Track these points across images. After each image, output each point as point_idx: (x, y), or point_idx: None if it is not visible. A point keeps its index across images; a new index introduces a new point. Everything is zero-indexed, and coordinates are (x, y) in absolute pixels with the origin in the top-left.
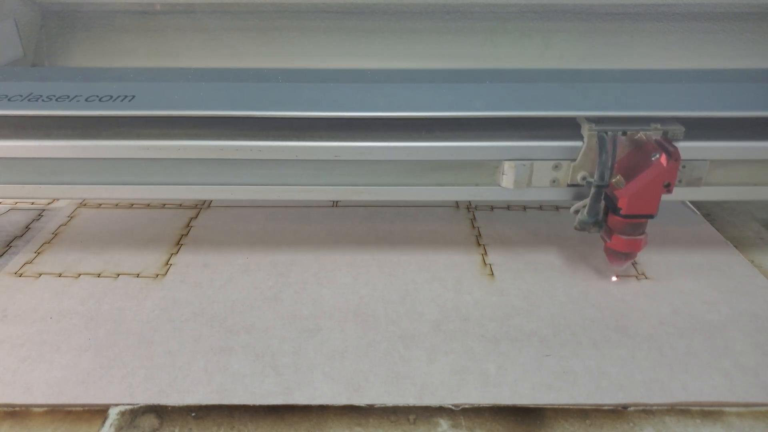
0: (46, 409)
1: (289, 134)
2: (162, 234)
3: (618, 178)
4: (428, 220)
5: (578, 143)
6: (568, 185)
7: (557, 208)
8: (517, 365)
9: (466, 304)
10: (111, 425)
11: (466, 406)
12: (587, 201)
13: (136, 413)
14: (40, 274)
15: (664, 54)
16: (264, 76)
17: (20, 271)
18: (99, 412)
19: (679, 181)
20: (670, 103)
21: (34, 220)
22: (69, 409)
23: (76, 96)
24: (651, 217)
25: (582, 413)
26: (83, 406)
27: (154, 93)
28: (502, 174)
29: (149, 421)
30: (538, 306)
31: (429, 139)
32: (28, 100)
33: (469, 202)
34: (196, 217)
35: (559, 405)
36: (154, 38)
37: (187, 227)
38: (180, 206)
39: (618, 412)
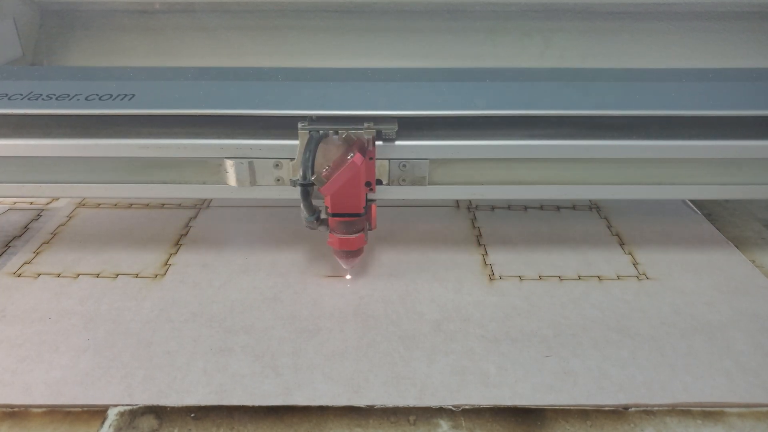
0: (45, 409)
1: (288, 133)
2: (161, 234)
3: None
4: (428, 219)
5: (297, 142)
6: (293, 183)
7: (558, 208)
8: (517, 366)
9: (467, 305)
10: (110, 426)
11: (467, 407)
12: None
13: (135, 414)
14: (39, 275)
15: (665, 53)
16: (264, 74)
17: (19, 271)
18: (98, 412)
19: (404, 180)
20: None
21: (32, 220)
22: (68, 409)
23: (76, 95)
24: (358, 216)
25: (583, 414)
26: (82, 406)
27: (153, 92)
28: (226, 172)
29: (148, 422)
30: (538, 306)
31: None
32: (28, 99)
33: (470, 201)
34: (195, 217)
35: (560, 405)
36: (153, 37)
37: (186, 227)
38: (179, 206)
39: (619, 412)
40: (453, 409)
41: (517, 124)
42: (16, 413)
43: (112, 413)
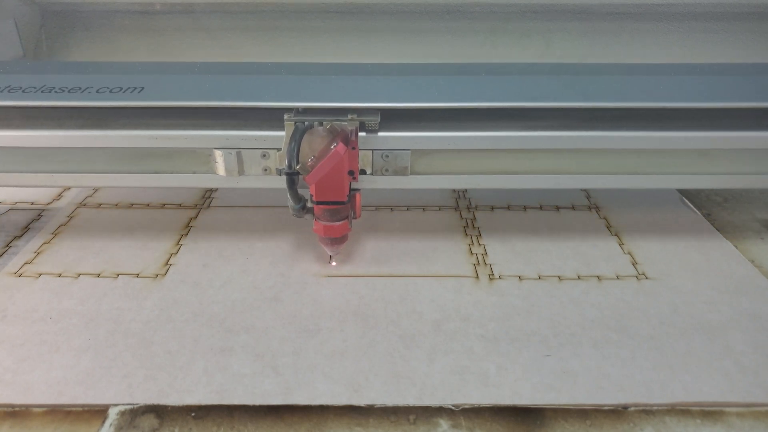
0: (45, 409)
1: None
2: (162, 234)
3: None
4: (428, 219)
5: (283, 133)
6: (279, 173)
7: (557, 207)
8: (517, 365)
9: (466, 304)
10: (111, 425)
11: (466, 407)
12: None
13: (135, 413)
14: (40, 274)
15: (665, 53)
16: (268, 69)
17: (20, 271)
18: (99, 412)
19: (387, 170)
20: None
21: (33, 220)
22: (69, 409)
23: (87, 87)
24: (342, 204)
25: (582, 413)
26: (83, 406)
27: (162, 85)
28: (215, 162)
29: (149, 421)
30: (538, 306)
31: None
32: (41, 91)
33: (469, 201)
34: (196, 217)
35: (559, 405)
36: (153, 38)
37: (187, 227)
38: (180, 206)
39: (618, 412)
40: (453, 408)
41: (498, 116)
42: (16, 413)
43: (113, 412)
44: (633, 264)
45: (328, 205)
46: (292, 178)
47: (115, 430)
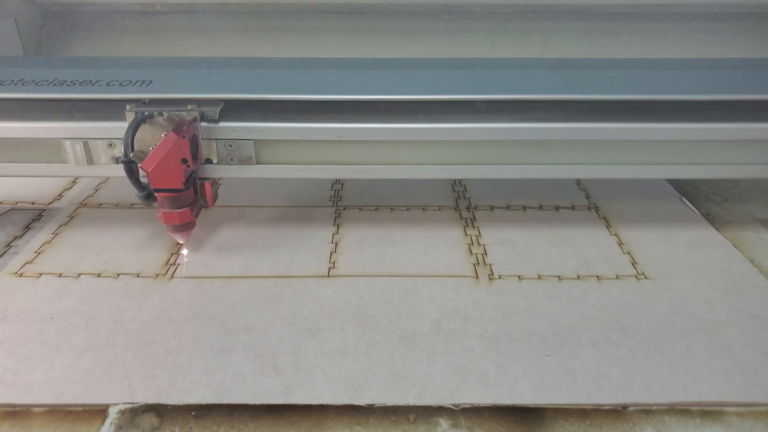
0: (46, 409)
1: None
2: (162, 234)
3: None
4: (428, 219)
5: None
6: (116, 161)
7: (557, 207)
8: (516, 365)
9: (466, 304)
10: (111, 424)
11: (466, 406)
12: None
13: (136, 412)
14: (41, 274)
15: (664, 54)
16: (272, 63)
17: (20, 271)
18: (99, 411)
19: (231, 160)
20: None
21: (34, 220)
22: (69, 408)
23: (98, 81)
24: (179, 191)
25: (582, 413)
26: (83, 405)
27: (170, 78)
28: (65, 152)
29: (149, 420)
30: (537, 306)
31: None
32: (54, 84)
33: (469, 201)
34: (196, 216)
35: (559, 405)
36: (154, 38)
37: None
38: None
39: (618, 412)
40: (453, 408)
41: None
42: (17, 413)
43: (113, 411)
44: (632, 264)
45: (166, 193)
46: (130, 166)
47: (115, 429)
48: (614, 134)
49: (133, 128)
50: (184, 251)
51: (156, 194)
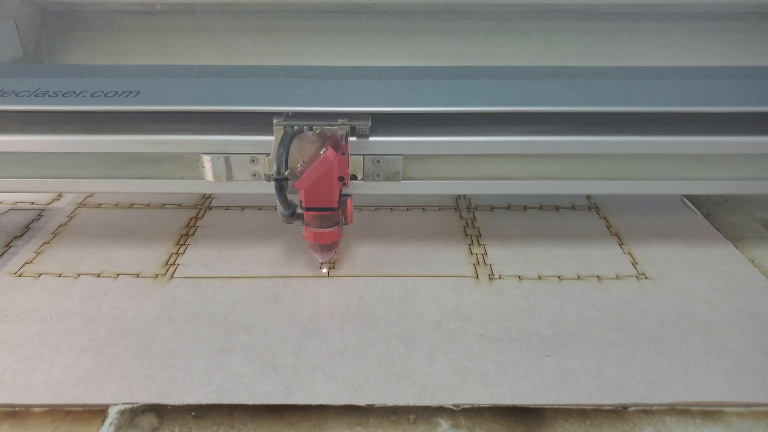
0: (45, 409)
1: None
2: (162, 234)
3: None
4: (428, 219)
5: (272, 138)
6: (267, 178)
7: (557, 207)
8: (517, 365)
9: (466, 304)
10: (111, 424)
11: (466, 406)
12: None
13: (135, 412)
14: (40, 274)
15: (664, 53)
16: (266, 72)
17: (20, 271)
18: (99, 411)
19: (378, 176)
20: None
21: (33, 220)
22: (69, 409)
23: (82, 92)
24: (332, 210)
25: (582, 413)
26: (83, 406)
27: (158, 89)
28: (203, 167)
29: (149, 420)
30: (538, 306)
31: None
32: (35, 95)
33: (469, 201)
34: (197, 216)
35: (559, 405)
36: (153, 38)
37: (187, 227)
38: (180, 206)
39: (618, 412)
40: (453, 408)
41: (493, 121)
42: (17, 413)
43: (113, 411)
44: (633, 264)
45: (318, 212)
46: (281, 184)
47: (115, 429)
48: (630, 148)
49: (287, 144)
50: (324, 269)
51: (305, 213)
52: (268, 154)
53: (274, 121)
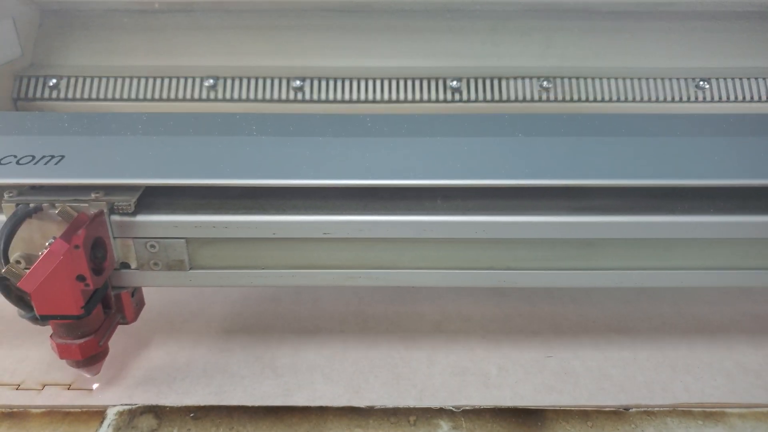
0: (44, 410)
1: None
2: None
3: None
4: None
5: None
6: None
7: None
8: (518, 366)
9: (467, 304)
10: (109, 425)
11: (467, 408)
12: None
13: (134, 413)
14: None
15: (666, 53)
16: (234, 124)
17: None
18: (97, 413)
19: (156, 265)
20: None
21: None
22: (67, 410)
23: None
24: (78, 318)
25: (583, 414)
26: (81, 407)
27: (87, 151)
28: None
29: (147, 422)
30: (539, 306)
31: None
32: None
33: None
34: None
35: (561, 406)
36: (153, 37)
37: None
38: None
39: (619, 413)
40: (453, 409)
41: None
42: (14, 414)
43: (111, 412)
44: None
45: (59, 320)
46: (4, 282)
47: (113, 431)
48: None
49: (8, 230)
50: (96, 385)
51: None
52: None
53: (6, 195)
